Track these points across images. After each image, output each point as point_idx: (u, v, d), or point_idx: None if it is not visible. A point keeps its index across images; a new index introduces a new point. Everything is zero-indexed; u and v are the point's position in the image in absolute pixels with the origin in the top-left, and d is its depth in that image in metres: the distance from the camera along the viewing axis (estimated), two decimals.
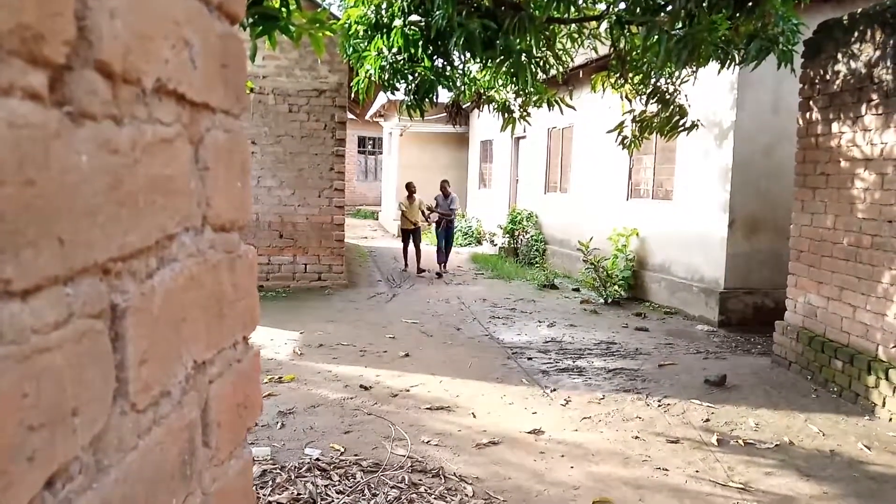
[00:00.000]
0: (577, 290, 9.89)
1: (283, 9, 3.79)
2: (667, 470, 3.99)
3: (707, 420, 4.79)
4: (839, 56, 5.47)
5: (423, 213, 11.34)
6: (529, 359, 6.22)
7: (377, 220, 21.75)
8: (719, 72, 5.70)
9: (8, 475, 0.40)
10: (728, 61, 5.34)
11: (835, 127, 5.51)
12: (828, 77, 5.61)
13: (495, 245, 14.14)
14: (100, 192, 0.52)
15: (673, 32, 4.81)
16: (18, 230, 0.42)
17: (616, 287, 8.96)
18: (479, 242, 15.48)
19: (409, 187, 11.50)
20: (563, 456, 4.13)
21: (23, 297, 0.42)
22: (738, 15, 4.94)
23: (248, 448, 0.89)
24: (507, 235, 13.22)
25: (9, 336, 0.41)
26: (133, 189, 0.57)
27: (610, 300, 8.91)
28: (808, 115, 5.88)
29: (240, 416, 0.84)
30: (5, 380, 0.40)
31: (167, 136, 0.64)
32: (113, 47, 0.53)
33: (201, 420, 0.73)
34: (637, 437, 4.43)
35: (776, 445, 4.38)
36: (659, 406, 5.04)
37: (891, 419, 4.80)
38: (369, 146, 25.01)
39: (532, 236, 12.55)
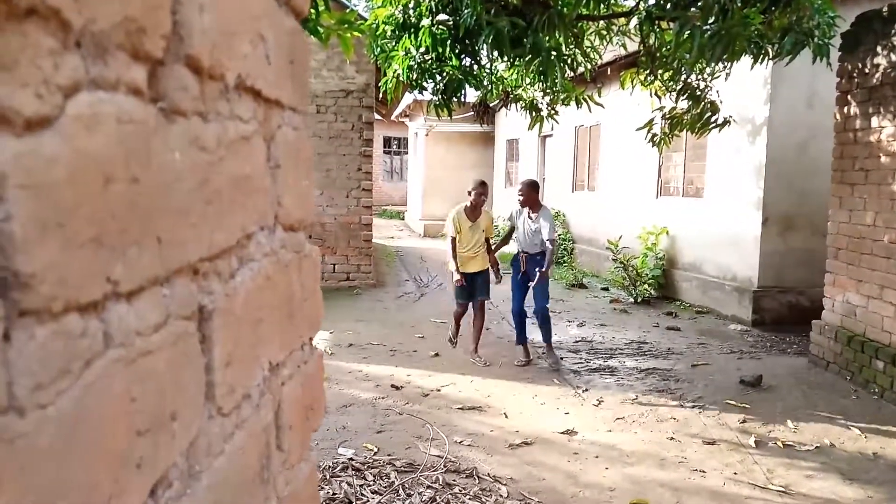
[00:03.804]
0: (605, 289, 9.80)
1: (312, 10, 3.79)
2: (704, 472, 3.92)
3: (744, 421, 4.70)
4: (878, 49, 5.34)
5: (488, 244, 6.13)
6: (560, 359, 6.16)
7: (403, 220, 21.80)
8: (752, 67, 5.59)
9: (119, 482, 0.38)
10: (762, 56, 5.24)
11: (874, 121, 5.38)
12: (867, 70, 5.48)
13: None
14: (191, 191, 0.51)
15: (705, 27, 4.73)
16: (125, 229, 0.40)
17: (646, 286, 8.85)
18: (506, 242, 15.41)
19: (479, 190, 5.94)
20: (597, 457, 4.08)
21: (128, 299, 0.41)
22: (772, 8, 4.84)
23: (314, 451, 0.87)
24: None
25: (118, 339, 0.39)
26: (218, 187, 0.56)
27: (640, 299, 8.81)
28: (845, 109, 5.75)
29: (307, 419, 0.83)
30: (116, 384, 0.39)
31: (246, 134, 0.63)
32: (202, 42, 0.52)
33: (275, 423, 0.72)
34: (672, 439, 4.37)
35: (816, 447, 4.28)
36: (693, 407, 4.96)
37: None
38: (395, 146, 25.06)
39: (560, 235, 12.48)
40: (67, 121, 0.35)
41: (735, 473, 3.90)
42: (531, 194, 6.03)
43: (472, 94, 7.33)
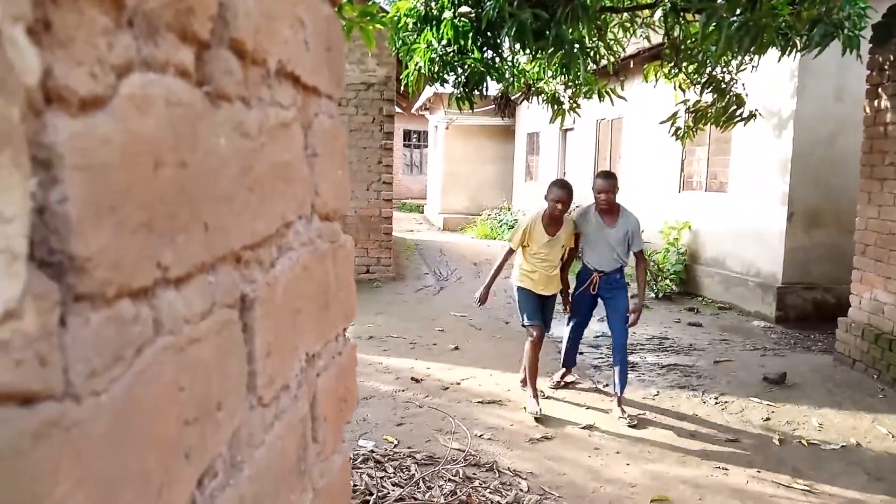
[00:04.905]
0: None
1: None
2: (727, 469, 3.88)
3: (767, 419, 4.64)
4: None
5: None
6: (580, 353, 6.12)
7: (422, 213, 21.80)
8: (780, 59, 5.49)
9: (170, 472, 0.38)
10: (790, 48, 5.15)
11: None
12: None
13: None
14: (234, 177, 0.50)
15: (732, 19, 4.65)
16: (174, 214, 0.40)
17: (667, 281, 8.77)
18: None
19: (557, 196, 4.52)
20: (618, 452, 4.05)
21: (176, 286, 0.40)
22: (800, 0, 4.75)
23: (347, 443, 0.87)
24: None
25: (167, 326, 0.39)
26: (260, 174, 0.55)
27: (661, 294, 8.73)
28: (875, 102, 5.63)
29: (341, 410, 0.82)
30: (166, 372, 0.38)
31: (286, 120, 0.62)
32: (246, 25, 0.51)
33: (310, 414, 0.71)
34: (694, 436, 4.32)
35: (842, 447, 4.22)
36: (716, 403, 4.91)
37: None
38: (414, 139, 25.05)
39: None
40: (120, 101, 0.35)
41: (758, 471, 3.85)
42: (609, 194, 4.56)
43: (493, 87, 7.31)
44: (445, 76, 5.92)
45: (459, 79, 5.97)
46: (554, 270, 4.79)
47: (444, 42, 5.56)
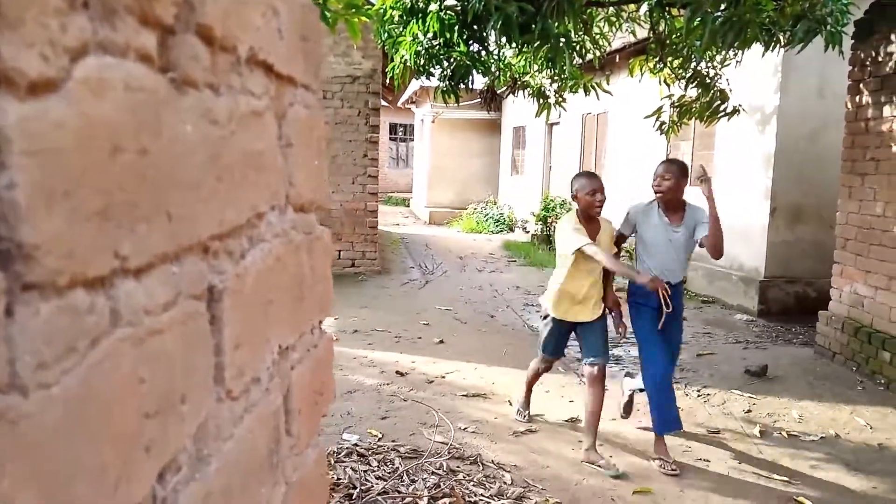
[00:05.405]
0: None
1: None
2: (708, 461, 3.92)
3: (748, 411, 4.69)
4: (892, 36, 5.27)
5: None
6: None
7: (408, 206, 21.77)
8: (763, 54, 5.52)
9: (128, 466, 0.37)
10: (773, 43, 5.18)
11: (886, 111, 5.32)
12: (880, 59, 5.41)
13: (527, 232, 14.04)
14: (202, 166, 0.49)
15: (717, 14, 4.67)
16: (134, 201, 0.39)
17: None
18: (511, 230, 15.39)
19: (592, 185, 3.78)
20: (601, 445, 4.07)
21: (136, 276, 0.39)
22: None
23: (322, 436, 0.86)
24: (540, 223, 13.10)
25: (126, 317, 0.38)
26: (230, 163, 0.54)
27: None
28: (857, 98, 5.69)
29: (316, 403, 0.82)
30: (124, 363, 0.37)
31: (258, 109, 0.61)
32: (213, 11, 0.50)
33: (284, 407, 0.70)
34: None
35: (822, 438, 4.27)
36: (699, 396, 4.95)
37: None
38: (400, 133, 24.97)
39: None
40: (75, 85, 0.34)
41: (739, 463, 3.90)
42: (681, 182, 3.82)
43: (479, 81, 7.29)
44: (431, 69, 5.90)
45: (445, 72, 5.95)
46: (594, 290, 3.89)
47: (429, 35, 5.54)
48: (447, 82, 5.95)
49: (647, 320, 3.83)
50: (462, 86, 6.00)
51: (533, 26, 5.20)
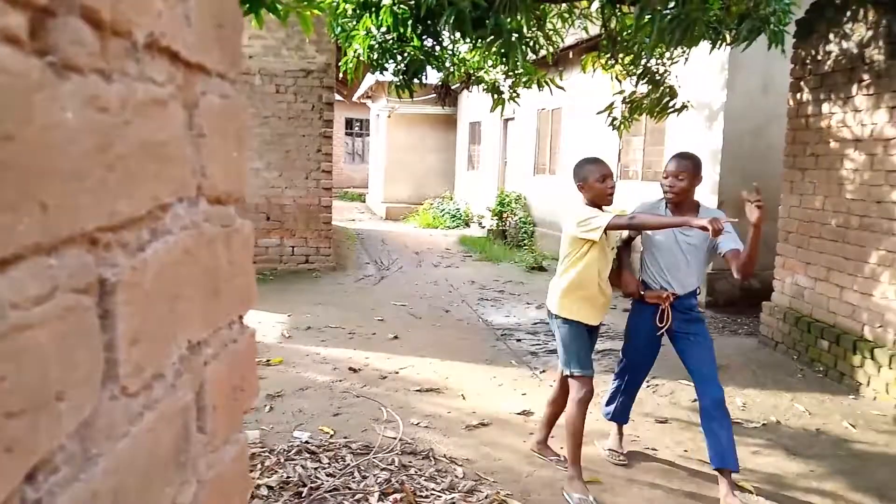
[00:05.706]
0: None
1: None
2: (656, 449, 4.01)
3: (695, 400, 4.77)
4: (831, 36, 5.44)
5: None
6: (518, 340, 6.20)
7: (364, 202, 21.63)
8: (710, 52, 5.65)
9: None
10: (720, 41, 5.30)
11: (825, 108, 5.50)
12: (819, 57, 5.59)
13: (483, 227, 14.10)
14: (87, 154, 0.47)
15: (665, 12, 4.76)
16: None
17: None
18: (467, 225, 15.43)
19: (602, 171, 3.56)
20: (552, 437, 4.12)
21: (1, 268, 0.38)
22: None
23: (244, 432, 0.85)
24: (496, 218, 13.17)
25: None
26: (124, 152, 0.52)
27: None
28: (798, 95, 5.87)
29: (236, 399, 0.80)
30: None
31: (160, 97, 0.59)
32: None
33: (196, 404, 0.68)
34: None
35: (763, 425, 4.41)
36: (647, 387, 5.04)
37: (875, 398, 4.84)
38: (357, 128, 24.78)
39: (520, 218, 12.52)
40: None
41: (686, 451, 4.00)
42: (694, 182, 3.53)
43: (433, 76, 7.27)
44: (385, 64, 5.86)
45: (399, 67, 5.92)
46: (608, 288, 3.63)
47: (383, 29, 5.50)
48: (401, 77, 5.93)
49: (638, 331, 3.74)
50: (416, 80, 5.99)
51: (486, 21, 5.21)
